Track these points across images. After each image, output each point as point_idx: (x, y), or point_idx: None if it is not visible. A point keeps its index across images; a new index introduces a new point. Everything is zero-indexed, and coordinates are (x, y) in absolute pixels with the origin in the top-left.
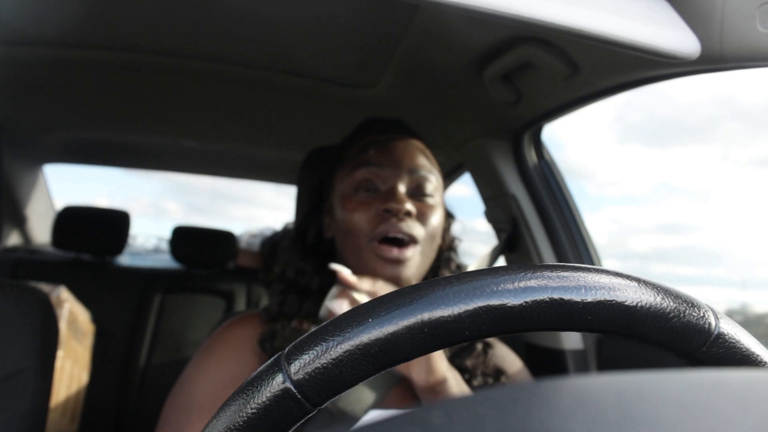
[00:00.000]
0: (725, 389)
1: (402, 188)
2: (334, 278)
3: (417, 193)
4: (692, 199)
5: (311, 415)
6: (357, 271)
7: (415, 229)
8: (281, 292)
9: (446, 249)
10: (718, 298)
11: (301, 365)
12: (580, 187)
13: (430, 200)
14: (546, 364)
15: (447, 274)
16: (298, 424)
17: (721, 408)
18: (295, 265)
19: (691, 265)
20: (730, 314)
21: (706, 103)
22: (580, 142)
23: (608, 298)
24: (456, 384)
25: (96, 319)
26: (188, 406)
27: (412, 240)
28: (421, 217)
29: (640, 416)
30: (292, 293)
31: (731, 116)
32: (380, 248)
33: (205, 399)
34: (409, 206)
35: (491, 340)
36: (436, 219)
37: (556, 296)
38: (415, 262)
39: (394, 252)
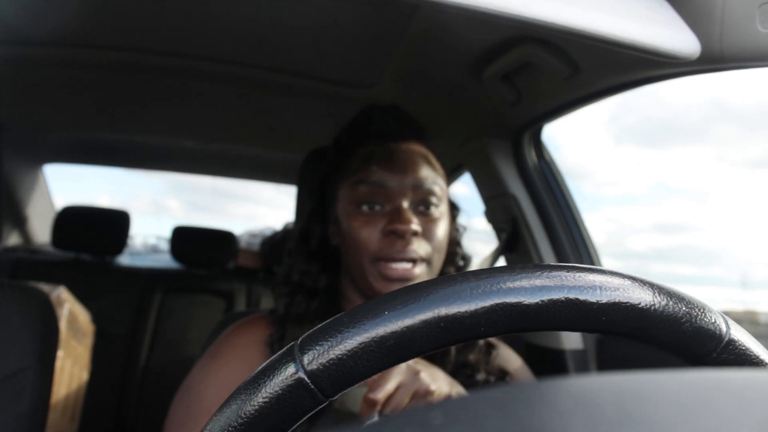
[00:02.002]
0: (726, 389)
1: (406, 205)
2: (339, 277)
3: (422, 206)
4: (689, 199)
5: (322, 406)
6: (361, 285)
7: (422, 248)
8: (287, 294)
9: (451, 244)
10: (718, 298)
11: (315, 356)
12: (577, 187)
13: (435, 213)
14: (546, 364)
15: (452, 268)
16: (309, 414)
17: (722, 408)
18: (300, 268)
19: (690, 264)
20: (729, 313)
21: (699, 105)
22: (576, 143)
23: (623, 299)
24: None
25: (96, 319)
26: (196, 411)
27: (420, 260)
28: (427, 233)
29: (640, 416)
30: (299, 294)
31: (724, 118)
32: (385, 268)
33: (213, 404)
34: (415, 226)
35: (494, 340)
36: (442, 231)
37: (572, 296)
38: (423, 279)
39: (399, 271)
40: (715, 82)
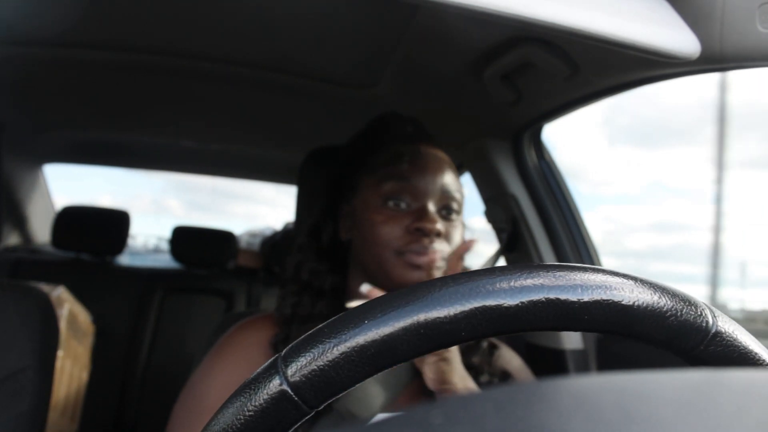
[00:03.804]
0: (725, 389)
1: (432, 207)
2: (347, 279)
3: (444, 211)
4: (686, 198)
5: (308, 417)
6: (379, 276)
7: (443, 249)
8: (295, 293)
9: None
10: (719, 297)
11: (298, 368)
12: (574, 187)
13: (456, 219)
14: (546, 364)
15: None
16: (296, 426)
17: (722, 408)
18: (309, 266)
19: (688, 262)
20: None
21: (692, 106)
22: (572, 144)
23: (605, 297)
24: (466, 385)
25: (96, 319)
26: (199, 409)
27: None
28: (448, 237)
29: (640, 416)
30: (307, 294)
31: (716, 120)
32: (413, 257)
33: (216, 403)
34: (440, 227)
35: (495, 340)
36: (459, 238)
37: (552, 296)
38: (440, 272)
39: (424, 258)
40: (709, 84)
